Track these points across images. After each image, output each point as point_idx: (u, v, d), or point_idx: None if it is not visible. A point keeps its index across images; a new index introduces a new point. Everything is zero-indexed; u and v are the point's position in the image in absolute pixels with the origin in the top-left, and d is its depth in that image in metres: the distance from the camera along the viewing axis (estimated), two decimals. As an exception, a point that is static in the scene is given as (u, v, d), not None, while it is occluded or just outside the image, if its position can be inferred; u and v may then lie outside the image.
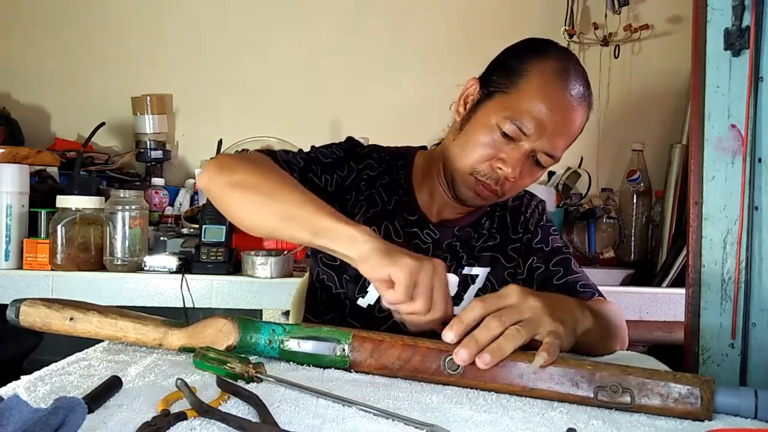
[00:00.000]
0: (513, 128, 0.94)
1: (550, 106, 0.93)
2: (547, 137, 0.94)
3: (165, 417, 0.55)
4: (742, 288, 0.92)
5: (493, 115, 0.96)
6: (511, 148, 0.95)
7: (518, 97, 0.94)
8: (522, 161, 0.95)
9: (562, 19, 2.28)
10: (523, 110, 0.93)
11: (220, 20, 2.31)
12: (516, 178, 0.96)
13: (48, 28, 2.28)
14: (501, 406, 0.63)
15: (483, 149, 0.96)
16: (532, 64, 0.96)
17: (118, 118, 2.23)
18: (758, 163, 0.91)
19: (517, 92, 0.95)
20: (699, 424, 0.60)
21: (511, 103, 0.95)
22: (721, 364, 0.93)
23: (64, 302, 0.79)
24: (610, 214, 2.24)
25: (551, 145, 0.95)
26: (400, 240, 1.05)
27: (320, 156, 1.08)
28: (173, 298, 1.63)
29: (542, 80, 0.94)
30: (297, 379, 0.67)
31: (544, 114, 0.93)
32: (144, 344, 0.79)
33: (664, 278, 1.97)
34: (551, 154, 0.96)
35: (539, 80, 0.94)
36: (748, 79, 0.91)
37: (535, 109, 0.93)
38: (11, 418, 0.46)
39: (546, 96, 0.93)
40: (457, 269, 1.08)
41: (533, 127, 0.93)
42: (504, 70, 0.98)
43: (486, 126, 0.96)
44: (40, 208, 1.73)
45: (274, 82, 2.31)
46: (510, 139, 0.95)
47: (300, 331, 0.75)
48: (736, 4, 0.92)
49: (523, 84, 0.95)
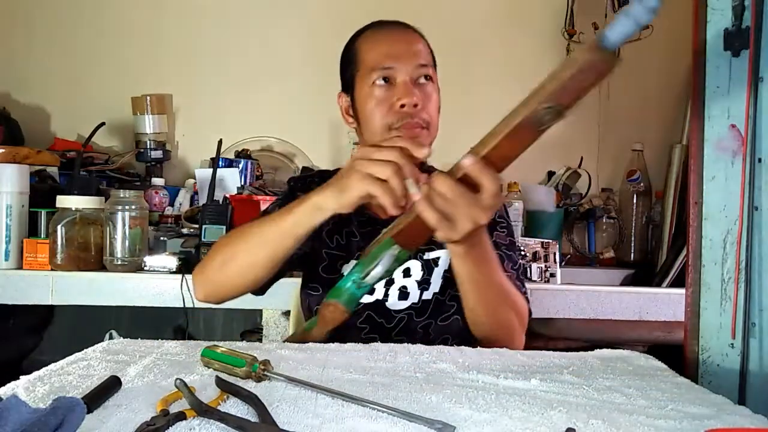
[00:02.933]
0: (379, 74, 1.07)
1: (386, 40, 1.11)
2: (407, 59, 1.08)
3: (164, 417, 0.55)
4: (742, 288, 0.92)
5: (365, 88, 1.09)
6: (392, 87, 1.07)
7: (365, 63, 1.10)
8: (409, 87, 1.06)
9: (562, 19, 2.28)
10: (373, 61, 1.09)
11: (221, 20, 2.31)
12: (420, 99, 1.06)
13: (48, 29, 2.28)
14: (501, 406, 0.63)
15: (380, 108, 1.08)
16: (357, 40, 1.14)
17: (118, 118, 2.22)
18: (758, 163, 0.91)
19: (362, 63, 1.11)
20: (698, 423, 0.60)
21: (365, 71, 1.10)
22: (721, 364, 0.93)
23: None
24: (610, 214, 2.24)
25: (415, 60, 1.08)
26: (357, 239, 1.14)
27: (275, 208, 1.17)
28: (173, 298, 1.62)
29: (367, 38, 1.13)
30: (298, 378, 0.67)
31: (387, 48, 1.09)
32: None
33: (664, 278, 1.97)
34: (421, 65, 1.08)
35: (366, 41, 1.13)
36: (748, 79, 0.91)
37: (379, 51, 1.09)
38: (10, 418, 0.46)
39: (376, 39, 1.12)
40: (417, 254, 1.12)
41: (389, 61, 1.07)
42: (346, 64, 1.15)
43: (367, 97, 1.09)
44: (40, 208, 1.73)
45: (275, 82, 2.31)
46: (388, 84, 1.08)
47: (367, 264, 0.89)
48: (736, 4, 0.92)
49: (361, 54, 1.12)
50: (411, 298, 1.12)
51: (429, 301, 1.12)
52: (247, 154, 2.15)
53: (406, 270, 1.12)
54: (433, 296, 1.12)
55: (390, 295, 1.12)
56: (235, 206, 1.72)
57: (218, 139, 2.06)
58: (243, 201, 1.82)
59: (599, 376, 0.77)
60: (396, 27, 1.15)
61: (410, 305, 1.12)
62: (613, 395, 0.69)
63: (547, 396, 0.68)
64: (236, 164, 2.09)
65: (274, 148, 2.27)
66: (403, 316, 1.11)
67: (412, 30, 1.15)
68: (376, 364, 0.79)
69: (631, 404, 0.66)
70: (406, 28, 1.14)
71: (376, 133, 1.09)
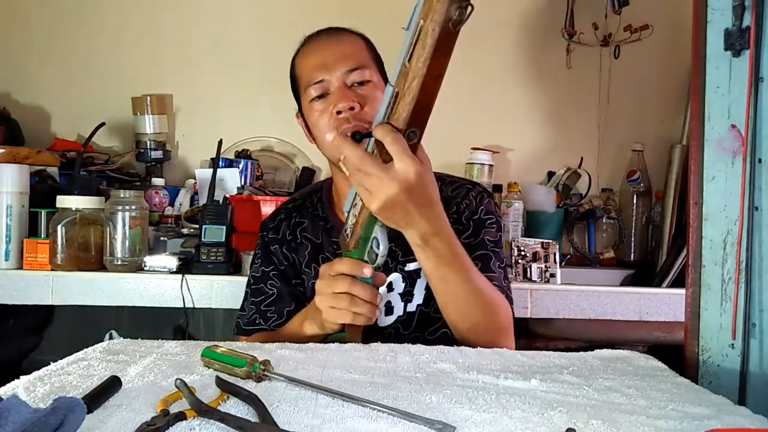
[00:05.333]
0: (312, 88, 1.08)
1: (314, 52, 1.12)
2: (334, 66, 1.07)
3: (164, 417, 0.55)
4: (742, 288, 0.92)
5: (306, 105, 1.11)
6: (328, 97, 1.08)
7: (301, 80, 1.12)
8: (342, 92, 1.06)
9: (562, 19, 2.28)
10: (306, 77, 1.10)
11: (221, 20, 2.31)
12: (354, 101, 1.05)
13: (48, 29, 2.28)
14: (500, 406, 0.63)
15: (320, 120, 1.08)
16: (295, 59, 1.17)
17: (118, 118, 2.22)
18: (758, 163, 0.91)
19: (299, 80, 1.13)
20: (698, 424, 0.60)
21: (303, 89, 1.12)
22: (721, 365, 0.93)
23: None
24: (610, 214, 2.24)
25: (345, 65, 1.07)
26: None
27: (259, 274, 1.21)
28: (173, 298, 1.62)
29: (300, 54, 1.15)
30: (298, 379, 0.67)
31: (315, 60, 1.10)
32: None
33: (664, 278, 1.97)
34: (353, 68, 1.07)
35: (300, 57, 1.15)
36: (748, 79, 0.91)
37: (309, 65, 1.10)
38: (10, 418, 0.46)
39: (307, 54, 1.13)
40: (398, 266, 1.11)
41: (319, 73, 1.08)
42: (292, 85, 1.18)
43: (309, 114, 1.11)
44: (40, 208, 1.73)
45: (275, 82, 2.29)
46: (324, 97, 1.08)
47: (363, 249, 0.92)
48: (737, 4, 0.92)
49: (297, 72, 1.14)
50: (396, 311, 1.11)
51: (414, 313, 1.11)
52: (247, 154, 2.15)
53: (388, 285, 1.11)
54: (417, 308, 1.11)
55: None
56: (235, 206, 1.72)
57: (218, 139, 2.06)
58: (243, 201, 1.82)
59: (599, 376, 0.77)
60: (325, 35, 1.14)
61: (396, 319, 1.11)
62: (613, 395, 0.69)
63: (547, 396, 0.68)
64: (236, 164, 2.09)
65: (274, 148, 2.27)
66: (391, 330, 1.11)
67: (343, 33, 1.14)
68: (376, 365, 0.79)
69: (631, 404, 0.66)
70: (336, 33, 1.14)
71: (324, 146, 1.11)
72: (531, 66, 2.31)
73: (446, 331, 1.06)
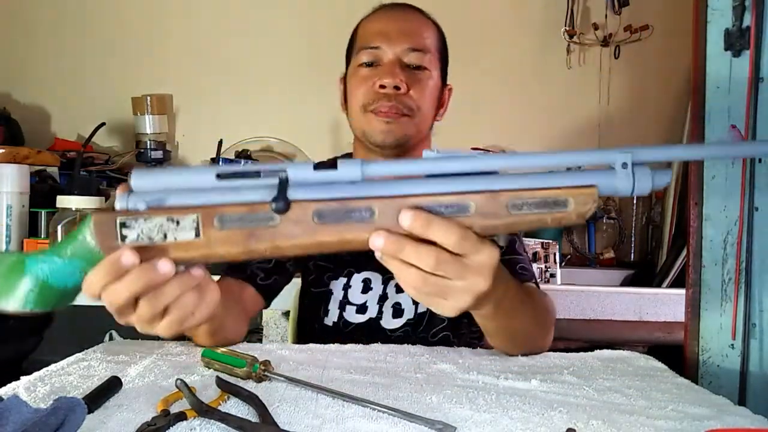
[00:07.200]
0: (366, 52, 1.01)
1: (381, 19, 1.04)
2: (396, 39, 1.00)
3: (165, 417, 0.55)
4: (742, 288, 0.92)
5: (353, 69, 1.04)
6: (378, 67, 1.01)
7: (357, 43, 1.05)
8: (392, 67, 0.99)
9: (562, 20, 2.28)
10: (363, 40, 1.03)
11: (221, 20, 2.31)
12: (401, 81, 0.98)
13: (48, 29, 2.28)
14: (501, 406, 0.63)
15: (361, 87, 1.01)
16: (360, 22, 1.08)
17: (118, 118, 2.22)
18: (758, 163, 0.91)
19: (356, 42, 1.06)
20: (698, 424, 0.60)
21: (356, 51, 1.04)
22: (721, 365, 0.93)
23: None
24: (610, 214, 2.24)
25: (407, 43, 1.00)
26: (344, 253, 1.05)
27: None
28: (173, 298, 1.62)
29: (367, 18, 1.07)
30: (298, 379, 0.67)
31: (379, 26, 1.03)
32: None
33: (664, 279, 1.96)
34: (414, 48, 1.00)
35: (365, 21, 1.07)
36: (748, 79, 0.91)
37: (371, 30, 1.03)
38: (11, 419, 0.46)
39: (373, 19, 1.06)
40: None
41: (378, 40, 1.01)
42: (348, 46, 1.09)
43: (352, 77, 1.04)
44: (40, 208, 1.72)
45: (275, 82, 2.30)
46: (373, 66, 1.01)
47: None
48: (737, 4, 0.92)
49: (357, 34, 1.07)
50: (406, 314, 1.05)
51: (424, 314, 1.05)
52: (247, 154, 2.15)
53: (396, 285, 1.04)
54: (427, 309, 1.05)
55: (384, 312, 1.05)
56: (235, 206, 1.72)
57: (218, 139, 2.06)
58: (243, 201, 1.82)
59: (599, 376, 0.77)
60: (399, 8, 1.07)
61: (405, 322, 1.05)
62: (614, 396, 0.69)
63: (548, 396, 0.68)
64: (236, 164, 2.09)
65: (274, 149, 2.27)
66: (400, 334, 1.05)
67: (417, 14, 1.06)
68: (377, 365, 0.79)
69: (631, 405, 0.66)
70: (411, 11, 1.06)
71: (353, 115, 1.03)
72: (531, 66, 2.31)
73: (448, 334, 1.06)
